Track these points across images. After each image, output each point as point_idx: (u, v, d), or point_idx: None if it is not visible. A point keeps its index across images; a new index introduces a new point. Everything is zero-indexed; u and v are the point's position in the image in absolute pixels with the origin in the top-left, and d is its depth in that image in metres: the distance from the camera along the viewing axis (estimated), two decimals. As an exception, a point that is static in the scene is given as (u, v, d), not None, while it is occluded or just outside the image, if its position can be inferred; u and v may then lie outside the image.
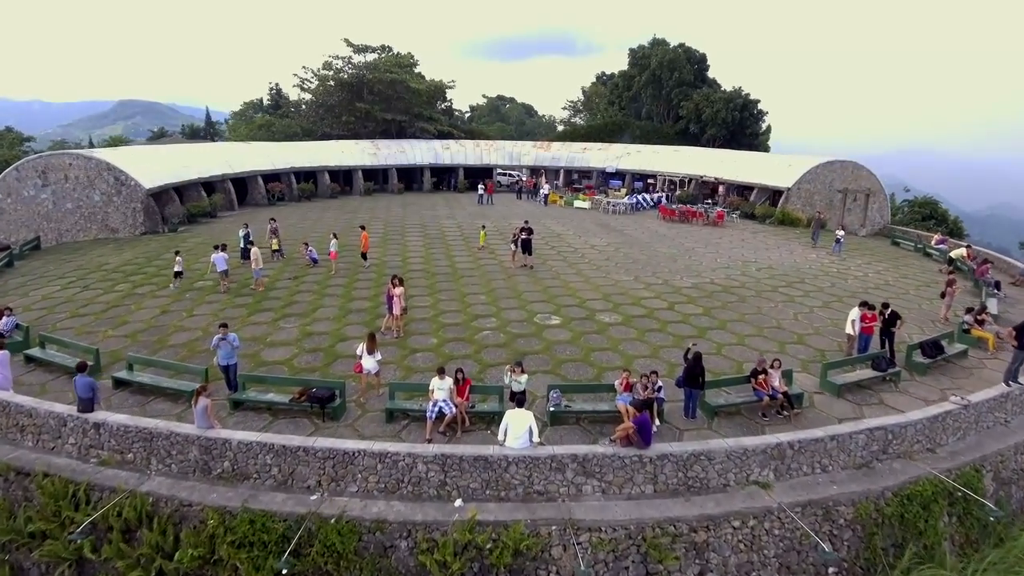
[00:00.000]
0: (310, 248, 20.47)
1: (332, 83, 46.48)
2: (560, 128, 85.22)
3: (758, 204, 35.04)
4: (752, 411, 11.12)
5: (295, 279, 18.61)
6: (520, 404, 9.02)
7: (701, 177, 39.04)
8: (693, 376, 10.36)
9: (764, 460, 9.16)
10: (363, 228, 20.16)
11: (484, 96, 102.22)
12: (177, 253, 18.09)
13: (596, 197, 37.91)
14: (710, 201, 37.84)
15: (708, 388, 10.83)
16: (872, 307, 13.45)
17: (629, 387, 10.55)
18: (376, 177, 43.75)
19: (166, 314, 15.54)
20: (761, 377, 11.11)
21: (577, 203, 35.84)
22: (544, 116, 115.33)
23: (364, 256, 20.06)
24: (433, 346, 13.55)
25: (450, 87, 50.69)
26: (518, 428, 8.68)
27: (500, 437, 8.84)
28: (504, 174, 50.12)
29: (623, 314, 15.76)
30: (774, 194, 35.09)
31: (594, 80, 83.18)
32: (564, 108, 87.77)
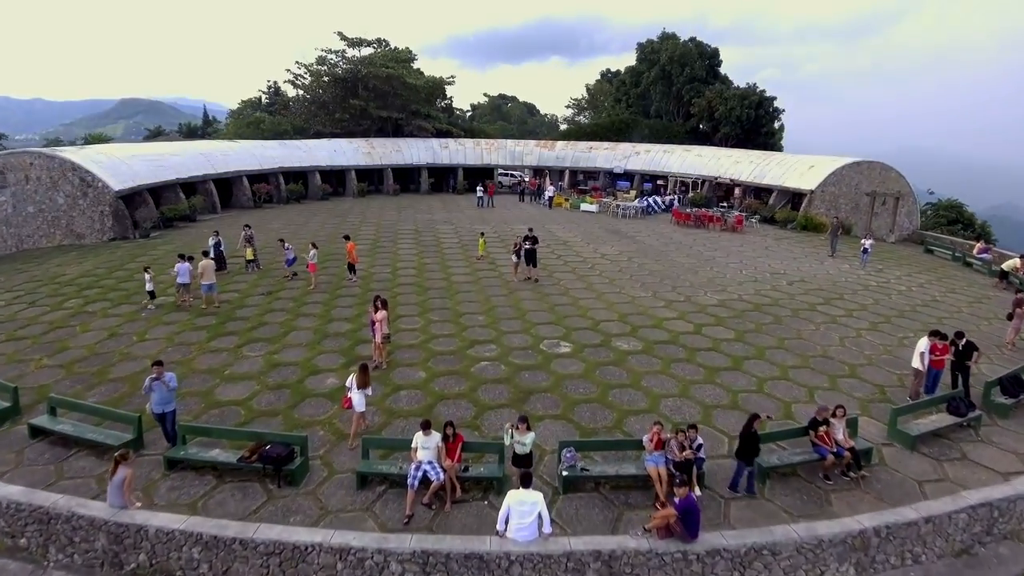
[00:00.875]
0: (288, 247, 18.43)
1: (325, 79, 44.48)
2: (563, 127, 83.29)
3: (778, 208, 32.98)
4: (811, 471, 9.06)
5: (269, 295, 16.57)
6: (526, 481, 6.96)
7: (715, 178, 36.97)
8: (749, 447, 8.31)
9: (843, 552, 7.10)
10: (347, 238, 18.09)
11: (485, 95, 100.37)
12: (147, 269, 15.79)
13: (604, 200, 35.87)
14: (726, 204, 35.77)
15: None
16: (944, 336, 11.37)
17: (661, 444, 8.49)
18: (371, 178, 41.76)
19: (114, 338, 13.51)
20: (822, 430, 9.05)
21: (584, 206, 33.80)
22: (546, 115, 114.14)
23: (351, 268, 18.01)
24: (421, 381, 11.50)
25: (449, 83, 48.71)
26: (523, 515, 6.63)
27: (500, 526, 6.78)
28: (505, 174, 48.12)
29: (643, 339, 13.69)
30: (794, 197, 33.04)
31: (599, 77, 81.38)
32: (568, 106, 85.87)
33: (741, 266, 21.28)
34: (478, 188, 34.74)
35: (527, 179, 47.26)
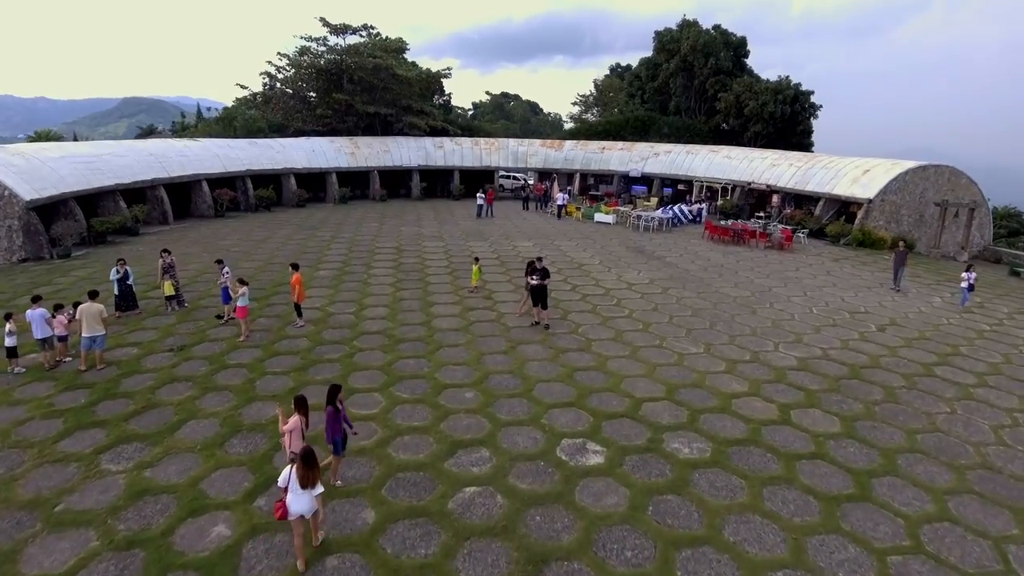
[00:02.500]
0: (225, 271, 14.13)
1: (307, 71, 40.22)
2: (569, 126, 79.12)
3: (826, 219, 28.60)
4: None
5: (181, 350, 12.23)
6: None
7: (748, 184, 32.57)
8: None
9: None
10: (295, 268, 13.72)
11: (487, 93, 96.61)
12: (8, 317, 11.39)
13: (620, 208, 31.53)
14: (762, 214, 31.39)
15: None
16: None
17: None
18: (355, 181, 37.47)
19: (-78, 432, 9.18)
20: None
21: (598, 216, 29.42)
22: (549, 114, 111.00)
23: (298, 309, 13.68)
24: (365, 533, 7.13)
25: (445, 76, 44.38)
26: None
27: None
28: (507, 176, 43.86)
29: (709, 435, 9.32)
30: (843, 206, 28.70)
31: (608, 73, 77.19)
32: (574, 103, 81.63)
33: (807, 300, 16.88)
34: (478, 195, 30.36)
35: (531, 183, 43.01)
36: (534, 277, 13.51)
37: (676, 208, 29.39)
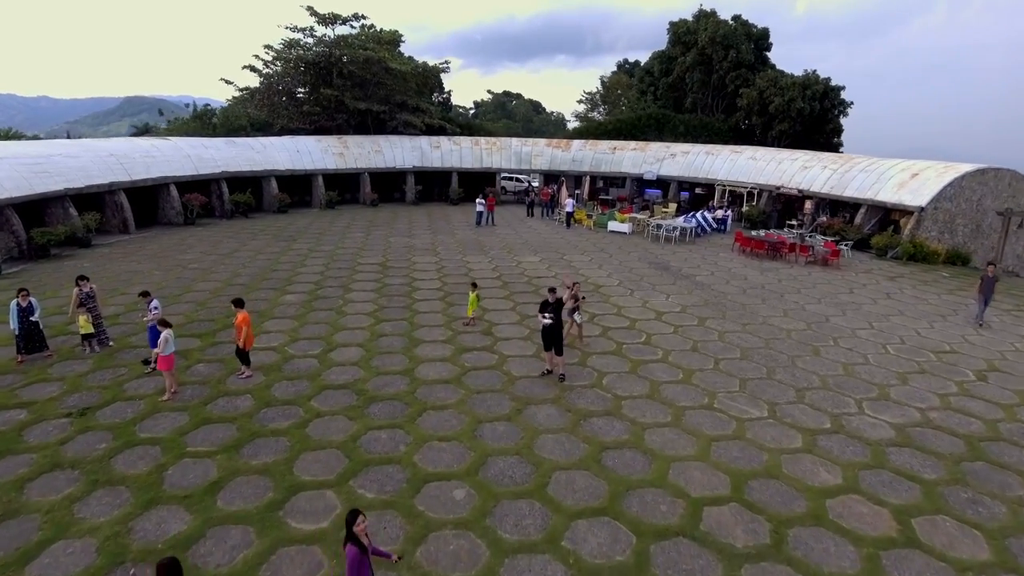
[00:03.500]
0: (153, 305, 11.24)
1: (293, 65, 37.37)
2: (573, 125, 76.30)
3: (867, 229, 25.69)
4: None
5: (82, 415, 9.36)
6: None
7: (777, 188, 29.66)
8: None
9: None
10: (239, 305, 10.78)
11: (489, 91, 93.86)
12: None
13: (634, 214, 28.65)
14: (794, 223, 28.48)
15: None
16: None
17: None
18: (344, 184, 34.66)
19: None
20: None
21: (613, 225, 26.51)
22: (552, 113, 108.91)
23: (242, 356, 10.77)
24: None
25: (444, 70, 41.51)
26: None
27: None
28: (510, 178, 41.04)
29: (805, 571, 6.41)
30: (887, 214, 25.83)
31: (615, 70, 74.45)
32: (580, 101, 78.74)
33: (877, 335, 13.96)
34: (478, 200, 27.45)
35: (535, 186, 40.18)
36: (546, 315, 10.61)
37: (699, 215, 26.48)
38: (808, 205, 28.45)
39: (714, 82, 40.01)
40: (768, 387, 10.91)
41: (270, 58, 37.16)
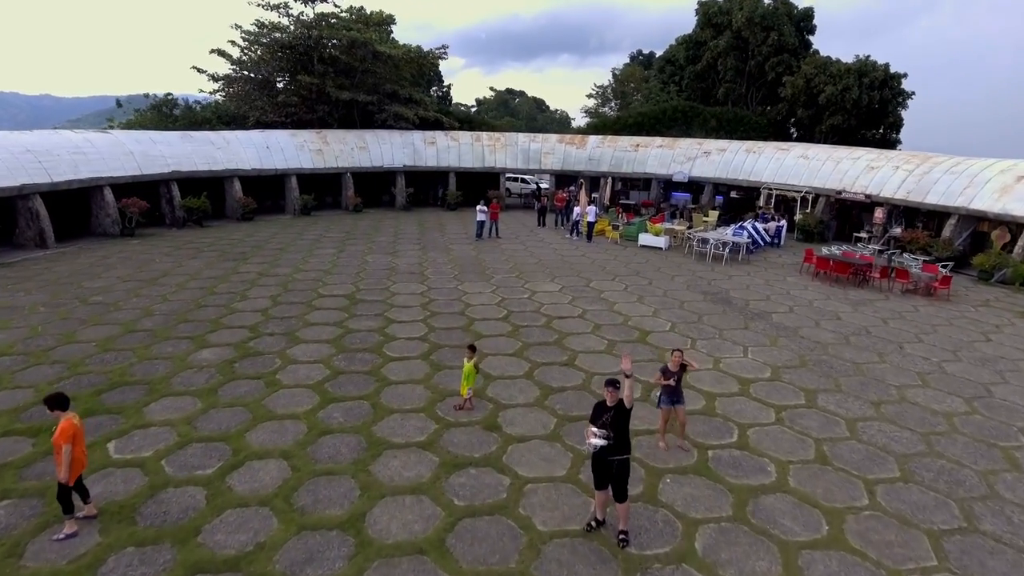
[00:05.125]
0: None
1: (267, 48, 32.80)
2: (579, 123, 71.78)
3: (959, 244, 21.09)
4: None
5: None
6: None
7: (837, 193, 25.04)
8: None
9: None
10: (58, 405, 6.19)
11: (492, 89, 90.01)
12: None
13: (668, 224, 24.06)
14: (865, 235, 23.92)
15: None
16: None
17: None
18: (323, 186, 30.16)
19: None
20: None
21: (645, 238, 21.85)
22: (556, 111, 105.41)
23: (64, 496, 6.15)
24: None
25: (441, 56, 36.87)
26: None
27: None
28: (515, 179, 36.59)
29: None
30: (980, 224, 21.30)
31: (628, 61, 70.06)
32: (590, 95, 74.19)
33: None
34: (479, 208, 22.77)
35: (545, 186, 35.65)
36: (601, 432, 6.00)
37: (751, 226, 21.81)
38: (879, 213, 23.81)
39: (750, 69, 35.32)
40: (979, 550, 6.28)
41: (243, 42, 32.66)
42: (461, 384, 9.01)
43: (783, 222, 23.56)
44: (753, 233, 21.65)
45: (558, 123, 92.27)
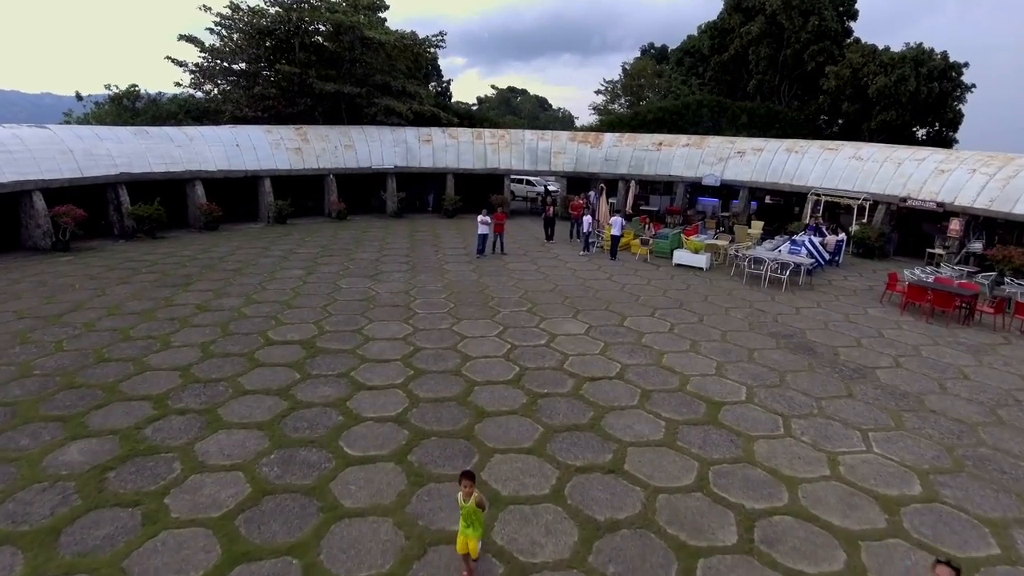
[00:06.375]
0: None
1: (243, 33, 29.31)
2: (590, 120, 68.32)
3: (1064, 263, 17.52)
4: None
5: None
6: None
7: (902, 200, 21.49)
8: None
9: None
10: None
11: (493, 87, 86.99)
12: None
13: (704, 236, 20.53)
14: (941, 251, 20.43)
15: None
16: None
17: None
18: (302, 190, 26.69)
19: None
20: None
21: (681, 256, 18.26)
22: (559, 110, 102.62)
23: None
24: None
25: (438, 44, 33.33)
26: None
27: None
28: (519, 180, 33.16)
29: None
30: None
31: (639, 55, 66.58)
32: (598, 91, 70.74)
33: None
34: (480, 218, 19.11)
35: (555, 189, 32.26)
36: None
37: (808, 241, 18.23)
38: (955, 225, 20.25)
39: (785, 59, 31.74)
40: None
41: (216, 28, 29.16)
42: (458, 537, 5.46)
43: (842, 235, 19.97)
44: (811, 250, 18.09)
45: (561, 122, 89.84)
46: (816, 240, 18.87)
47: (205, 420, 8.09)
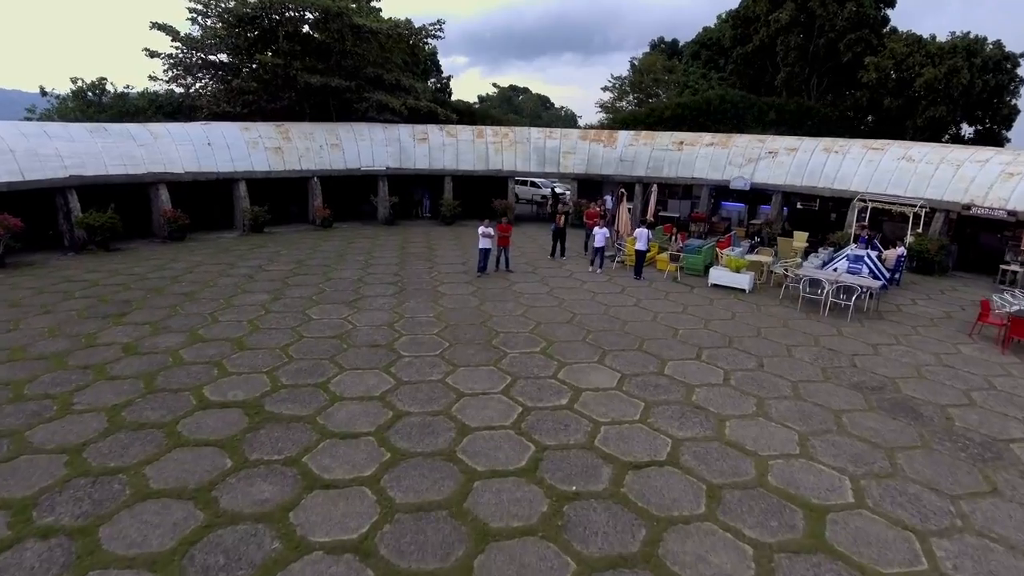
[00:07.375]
0: None
1: (223, 21, 26.75)
2: (597, 118, 65.71)
3: None
4: None
5: None
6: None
7: (965, 208, 18.88)
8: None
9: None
10: None
11: (495, 85, 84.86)
12: None
13: (735, 249, 17.91)
14: (1014, 266, 17.79)
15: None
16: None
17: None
18: (284, 195, 24.11)
19: None
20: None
21: (718, 275, 15.61)
22: (562, 108, 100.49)
23: None
24: None
25: (435, 34, 30.71)
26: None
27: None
28: (524, 182, 30.64)
29: None
30: None
31: (647, 50, 63.93)
32: (604, 88, 68.05)
33: None
34: (482, 229, 16.35)
35: (564, 192, 29.71)
36: None
37: (867, 257, 15.59)
38: (1030, 237, 17.62)
39: (818, 49, 29.05)
40: None
41: (191, 15, 26.60)
42: None
43: (902, 249, 17.32)
44: (872, 266, 15.45)
45: (564, 121, 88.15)
46: (872, 256, 16.22)
47: (73, 551, 5.48)
